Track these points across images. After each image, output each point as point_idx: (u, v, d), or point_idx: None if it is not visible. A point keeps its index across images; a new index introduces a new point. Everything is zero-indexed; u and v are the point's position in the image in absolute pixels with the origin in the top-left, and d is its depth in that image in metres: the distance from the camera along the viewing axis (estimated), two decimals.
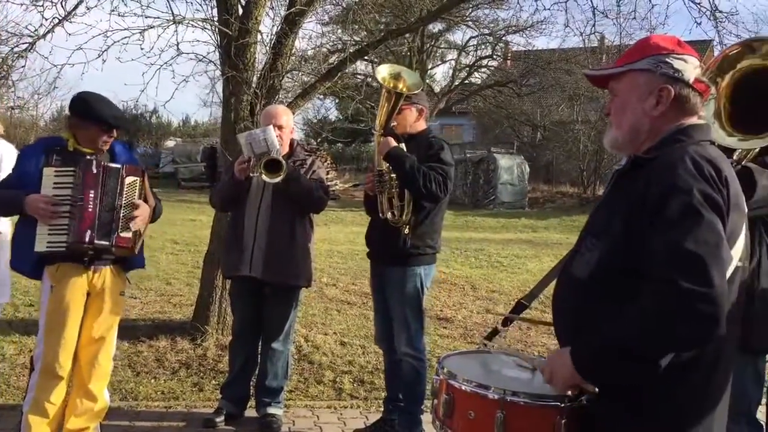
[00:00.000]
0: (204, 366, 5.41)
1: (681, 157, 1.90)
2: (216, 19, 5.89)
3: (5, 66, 6.05)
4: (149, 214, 3.84)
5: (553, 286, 2.29)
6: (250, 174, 4.23)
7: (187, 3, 6.19)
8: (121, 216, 3.68)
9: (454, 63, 29.28)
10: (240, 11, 5.89)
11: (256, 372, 4.59)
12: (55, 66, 5.90)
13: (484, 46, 28.29)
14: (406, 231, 4.06)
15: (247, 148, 4.19)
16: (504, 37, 26.65)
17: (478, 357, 2.54)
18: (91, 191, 3.62)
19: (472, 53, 28.80)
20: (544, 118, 28.41)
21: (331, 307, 7.78)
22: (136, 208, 3.75)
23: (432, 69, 29.82)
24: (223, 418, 4.46)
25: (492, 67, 28.94)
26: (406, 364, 4.19)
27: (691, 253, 1.75)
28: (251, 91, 5.90)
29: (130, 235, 3.73)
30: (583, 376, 1.91)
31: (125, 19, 5.70)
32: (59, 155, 3.69)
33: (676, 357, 1.83)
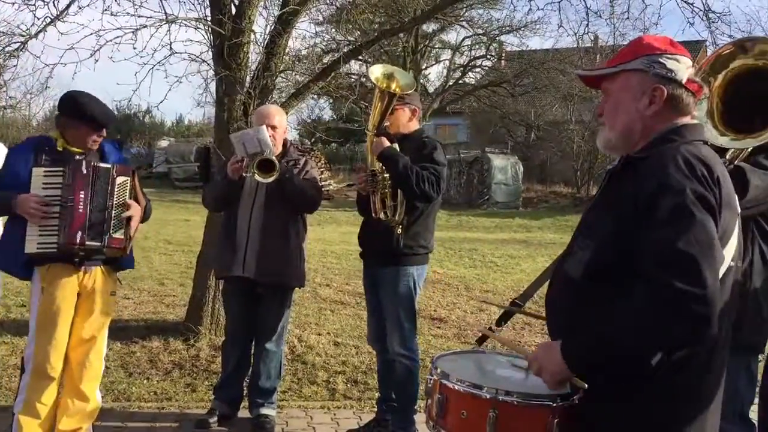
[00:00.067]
0: (197, 367, 5.40)
1: (673, 156, 1.89)
2: (209, 18, 5.87)
3: None
4: (140, 214, 3.83)
5: (547, 287, 2.29)
6: (243, 174, 4.22)
7: (180, 2, 6.18)
8: (112, 216, 3.67)
9: (448, 63, 29.30)
10: (233, 11, 5.88)
11: (249, 372, 4.58)
12: (47, 65, 5.87)
13: (478, 46, 28.31)
14: (399, 231, 4.06)
15: (240, 148, 4.18)
16: (498, 37, 26.68)
17: (472, 357, 2.54)
18: (82, 192, 3.60)
19: (466, 53, 28.83)
20: (538, 118, 28.45)
21: (325, 307, 7.77)
22: (128, 208, 3.74)
23: (426, 69, 29.84)
24: (216, 418, 4.44)
25: (486, 67, 28.96)
26: (398, 364, 4.19)
27: (683, 253, 1.75)
28: (244, 91, 5.89)
29: (122, 236, 3.72)
30: (573, 370, 1.92)
31: (118, 18, 5.69)
32: (48, 155, 3.67)
33: (669, 357, 1.84)
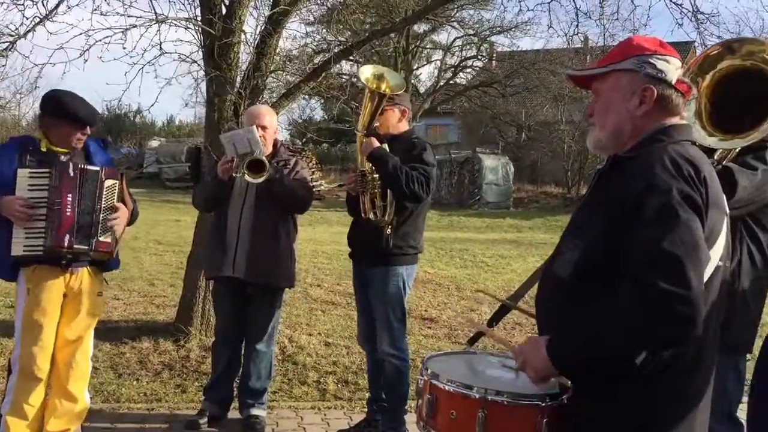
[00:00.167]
0: (187, 367, 5.38)
1: (660, 156, 1.90)
2: (199, 18, 5.85)
3: None
4: (127, 217, 3.81)
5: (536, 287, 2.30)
6: (234, 174, 4.21)
7: (170, 2, 6.15)
8: (100, 220, 3.64)
9: (439, 63, 29.34)
10: (223, 11, 5.86)
11: (240, 373, 4.57)
12: (37, 65, 5.85)
13: (469, 47, 28.37)
14: (389, 231, 4.06)
15: (230, 148, 4.17)
16: (489, 38, 26.75)
17: (462, 358, 2.54)
18: (69, 194, 3.57)
19: (457, 54, 28.87)
20: (529, 118, 28.52)
21: (316, 307, 7.76)
22: (116, 211, 3.72)
23: (417, 69, 29.87)
24: (206, 419, 4.43)
25: (477, 68, 29.02)
26: (388, 364, 4.19)
27: (668, 254, 1.76)
28: (235, 91, 5.87)
29: (110, 240, 3.70)
30: (557, 367, 1.92)
31: (107, 18, 5.66)
32: (33, 156, 3.63)
33: (654, 357, 1.84)
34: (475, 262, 11.92)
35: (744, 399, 3.33)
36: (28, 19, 5.70)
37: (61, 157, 3.67)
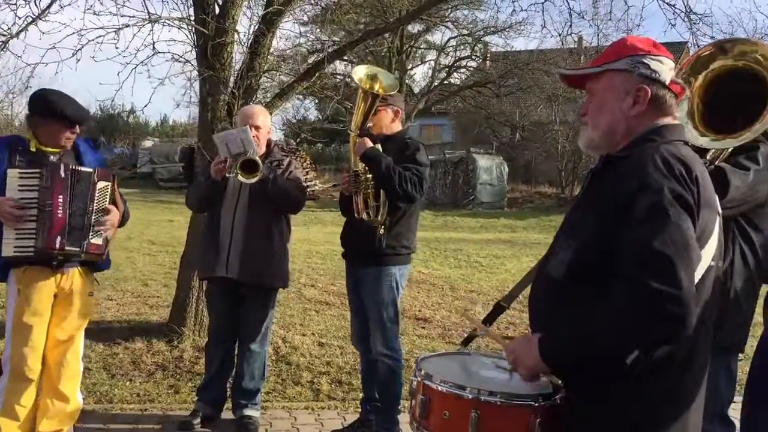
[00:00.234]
0: (180, 368, 5.36)
1: (652, 156, 1.90)
2: (192, 18, 5.84)
3: None
4: (119, 219, 3.79)
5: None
6: (227, 174, 4.19)
7: (163, 2, 6.19)
8: (92, 222, 3.62)
9: (433, 63, 29.34)
10: (217, 10, 5.84)
11: (233, 373, 4.56)
12: (29, 65, 5.83)
13: (463, 47, 28.39)
14: (382, 231, 4.06)
15: (224, 148, 4.16)
16: (483, 38, 26.77)
17: (456, 358, 2.54)
18: (60, 196, 3.54)
19: (451, 54, 28.88)
20: (523, 118, 28.56)
21: (310, 307, 7.75)
22: (108, 213, 3.70)
23: (411, 69, 29.83)
24: (199, 420, 4.41)
25: (471, 68, 29.04)
26: (381, 364, 4.19)
27: (659, 253, 1.76)
28: (228, 91, 5.86)
29: (101, 242, 3.68)
30: (547, 362, 1.93)
31: (100, 17, 5.64)
32: (22, 156, 3.60)
33: (646, 356, 1.84)
34: (469, 262, 11.93)
35: (736, 399, 3.34)
36: (20, 18, 5.69)
37: (51, 157, 3.64)
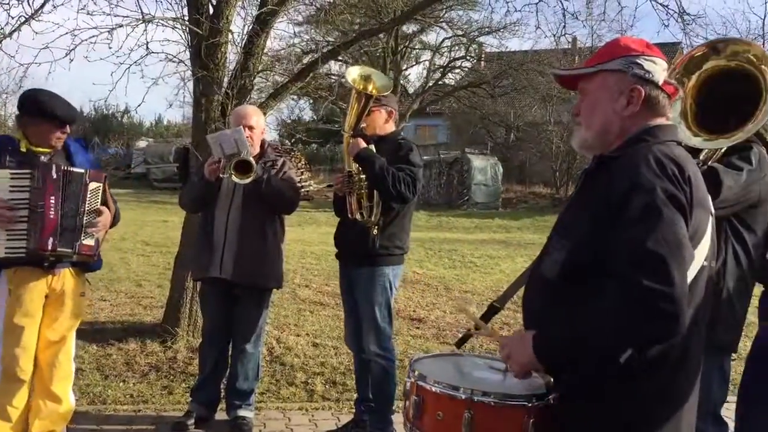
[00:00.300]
0: (174, 369, 5.35)
1: (645, 155, 1.90)
2: (186, 18, 5.82)
3: None
4: (110, 220, 3.78)
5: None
6: (220, 175, 4.18)
7: (156, 2, 6.13)
8: (84, 223, 3.61)
9: (428, 64, 29.33)
10: (211, 10, 5.83)
11: (227, 374, 4.55)
12: (22, 65, 5.81)
13: (457, 48, 28.36)
14: (375, 232, 4.06)
15: (217, 148, 4.14)
16: (477, 39, 26.76)
17: (450, 359, 2.54)
18: (52, 197, 3.52)
19: (446, 54, 28.85)
20: (518, 119, 28.60)
21: (304, 308, 7.74)
22: (100, 214, 3.69)
23: (406, 70, 29.84)
24: (193, 421, 4.40)
25: (466, 68, 29.02)
26: (375, 365, 4.19)
27: (652, 252, 1.76)
28: (222, 91, 5.85)
29: (93, 243, 3.67)
30: (541, 361, 1.93)
31: (93, 17, 5.62)
32: (12, 156, 3.57)
33: (642, 356, 1.85)
34: (463, 262, 11.94)
35: (730, 399, 3.35)
36: (13, 18, 5.67)
37: (42, 158, 3.62)
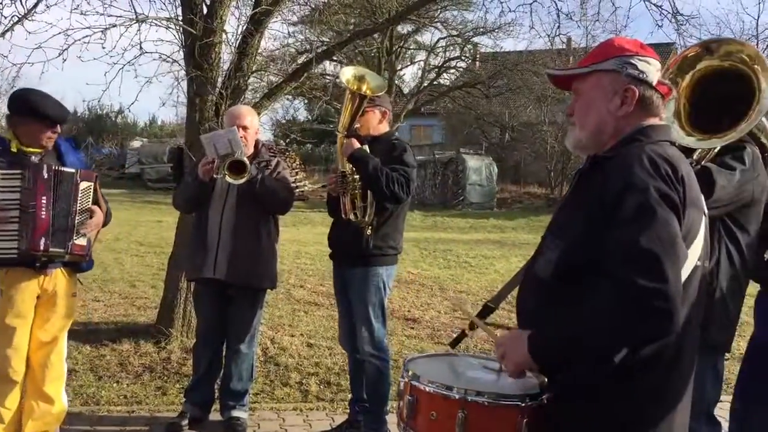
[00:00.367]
0: (168, 369, 5.34)
1: (638, 155, 1.91)
2: (180, 18, 5.81)
3: None
4: (102, 219, 3.77)
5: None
6: (214, 175, 4.17)
7: (150, 2, 6.10)
8: (76, 223, 3.60)
9: (423, 64, 29.31)
10: (204, 10, 5.82)
11: (221, 375, 4.54)
12: (15, 65, 5.79)
13: (452, 48, 28.36)
14: (369, 232, 4.06)
15: (211, 149, 4.13)
16: (472, 39, 26.78)
17: (444, 359, 2.54)
18: (44, 197, 3.51)
19: (440, 54, 28.86)
20: (512, 119, 28.61)
21: (299, 308, 7.73)
22: (92, 214, 3.67)
23: (401, 70, 29.81)
24: (187, 421, 4.39)
25: (461, 69, 29.03)
26: (369, 365, 4.19)
27: (645, 250, 1.76)
28: (216, 91, 5.84)
29: (85, 243, 3.66)
30: (537, 361, 1.93)
31: (87, 17, 5.60)
32: (2, 156, 3.57)
33: (636, 355, 1.85)
34: (458, 262, 11.94)
35: (723, 398, 3.36)
36: (6, 18, 5.63)
37: (32, 158, 3.61)
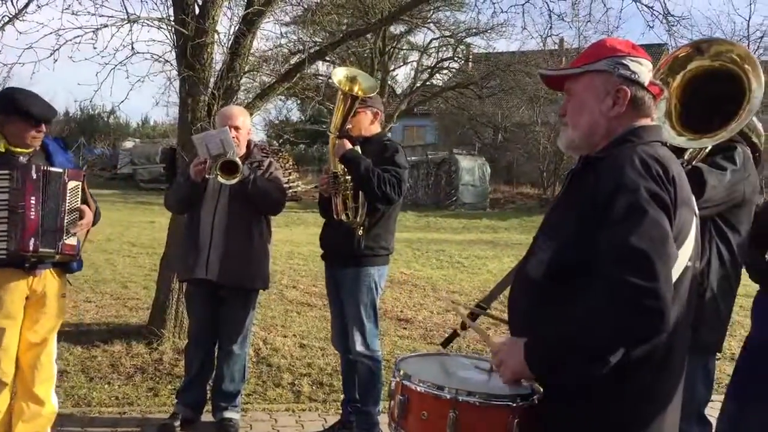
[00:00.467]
0: (160, 370, 5.32)
1: (629, 156, 1.91)
2: (172, 18, 5.79)
3: None
4: (91, 218, 3.75)
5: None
6: (206, 176, 4.16)
7: (142, 2, 6.13)
8: (65, 222, 3.58)
9: (415, 65, 29.31)
10: (196, 11, 5.80)
11: (213, 376, 4.52)
12: (6, 65, 5.77)
13: (445, 48, 28.35)
14: (360, 232, 4.06)
15: (203, 149, 4.12)
16: (465, 40, 26.79)
17: (436, 359, 2.53)
18: (32, 197, 3.49)
19: (433, 55, 28.86)
20: (505, 119, 28.66)
21: (291, 309, 7.72)
22: (81, 213, 3.66)
23: (394, 70, 29.80)
24: (179, 423, 4.38)
25: (453, 69, 29.03)
26: (361, 365, 4.19)
27: (636, 250, 1.76)
28: (208, 91, 5.83)
29: (75, 242, 3.64)
30: (533, 369, 1.92)
31: (78, 17, 5.58)
32: None
33: (625, 356, 1.84)
34: (451, 262, 11.95)
35: (714, 398, 3.37)
36: None
37: (21, 158, 3.58)
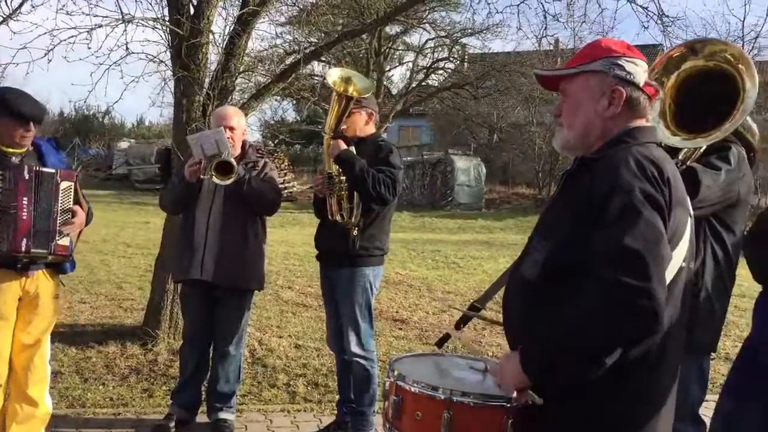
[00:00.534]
0: (155, 371, 5.31)
1: (624, 157, 1.91)
2: (167, 18, 5.78)
3: None
4: (84, 219, 3.74)
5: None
6: (201, 176, 4.15)
7: (136, 2, 6.10)
8: (58, 223, 3.57)
9: (411, 65, 29.32)
10: (191, 11, 5.79)
11: (208, 377, 4.51)
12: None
13: (441, 49, 28.35)
14: (355, 233, 4.06)
15: (198, 149, 4.11)
16: (460, 40, 26.81)
17: (430, 359, 2.54)
18: (25, 198, 3.47)
19: (429, 55, 28.86)
20: (501, 120, 28.69)
21: (287, 309, 7.72)
22: (74, 213, 3.65)
23: (389, 71, 29.83)
24: (173, 424, 4.37)
25: (449, 70, 29.04)
26: (356, 365, 4.19)
27: (629, 250, 1.76)
28: (203, 92, 5.82)
29: (68, 243, 3.63)
30: (530, 376, 1.91)
31: (73, 17, 5.57)
32: None
33: (621, 357, 1.84)
34: (446, 263, 11.95)
35: (708, 398, 3.37)
36: None
37: (13, 159, 3.57)
